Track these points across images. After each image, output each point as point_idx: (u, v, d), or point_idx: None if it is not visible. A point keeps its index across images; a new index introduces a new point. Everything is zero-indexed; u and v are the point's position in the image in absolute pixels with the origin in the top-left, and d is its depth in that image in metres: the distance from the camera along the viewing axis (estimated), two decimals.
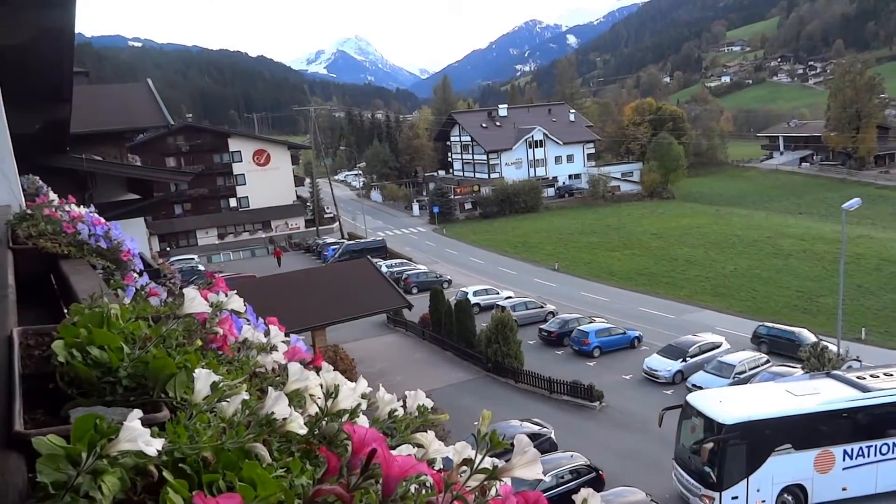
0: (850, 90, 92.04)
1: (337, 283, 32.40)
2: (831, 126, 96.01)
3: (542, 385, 28.96)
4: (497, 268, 53.91)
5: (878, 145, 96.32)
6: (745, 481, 18.35)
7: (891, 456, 19.40)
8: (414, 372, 31.24)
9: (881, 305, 39.87)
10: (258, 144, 74.80)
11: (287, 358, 1.86)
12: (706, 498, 18.59)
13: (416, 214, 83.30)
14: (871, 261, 48.86)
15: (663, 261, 52.76)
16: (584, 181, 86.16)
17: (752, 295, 43.48)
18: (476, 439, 1.31)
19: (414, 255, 57.74)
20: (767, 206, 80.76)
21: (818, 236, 56.69)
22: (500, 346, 30.41)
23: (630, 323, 36.49)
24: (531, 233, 65.83)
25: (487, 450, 1.27)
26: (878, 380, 20.33)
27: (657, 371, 29.48)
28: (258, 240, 70.08)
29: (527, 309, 38.77)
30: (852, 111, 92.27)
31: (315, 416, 1.43)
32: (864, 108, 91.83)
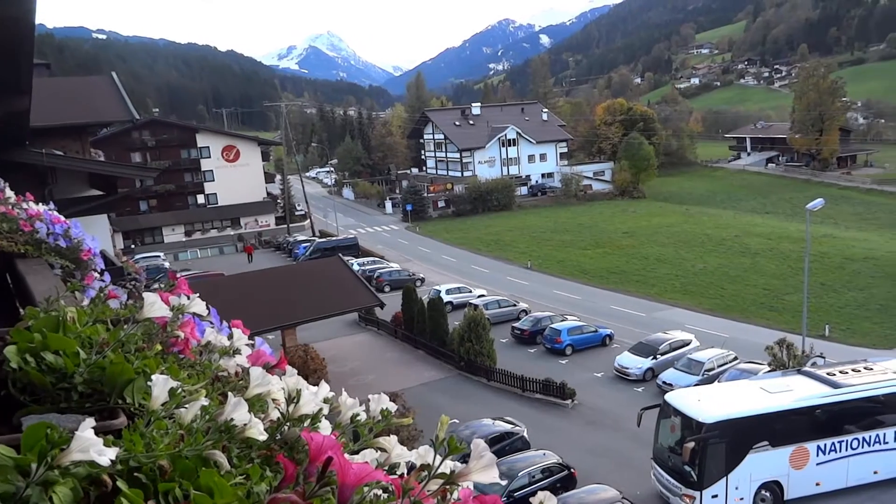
0: (814, 93, 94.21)
1: (308, 282, 32.17)
2: (796, 128, 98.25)
3: (514, 383, 29.07)
4: (470, 266, 54.00)
5: (840, 147, 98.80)
6: (724, 479, 18.52)
7: (861, 450, 19.85)
8: (386, 371, 31.15)
9: (843, 303, 40.85)
10: (227, 140, 73.79)
11: (251, 361, 1.83)
12: (687, 497, 18.70)
13: (388, 212, 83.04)
14: (835, 259, 50.03)
15: (634, 259, 53.38)
16: (556, 180, 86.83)
17: (720, 293, 44.20)
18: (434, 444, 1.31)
19: (386, 253, 57.56)
20: (735, 205, 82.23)
21: (784, 235, 57.85)
22: (472, 344, 30.45)
23: (602, 321, 36.83)
24: (504, 231, 66.08)
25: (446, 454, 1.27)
26: (846, 376, 20.74)
27: (628, 368, 29.79)
28: (227, 237, 69.21)
29: (500, 307, 38.91)
30: (816, 114, 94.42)
31: (277, 422, 1.41)
32: (827, 111, 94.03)
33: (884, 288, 43.31)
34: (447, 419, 1.46)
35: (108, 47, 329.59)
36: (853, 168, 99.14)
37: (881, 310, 39.35)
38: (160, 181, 66.45)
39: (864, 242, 56.69)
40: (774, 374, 22.71)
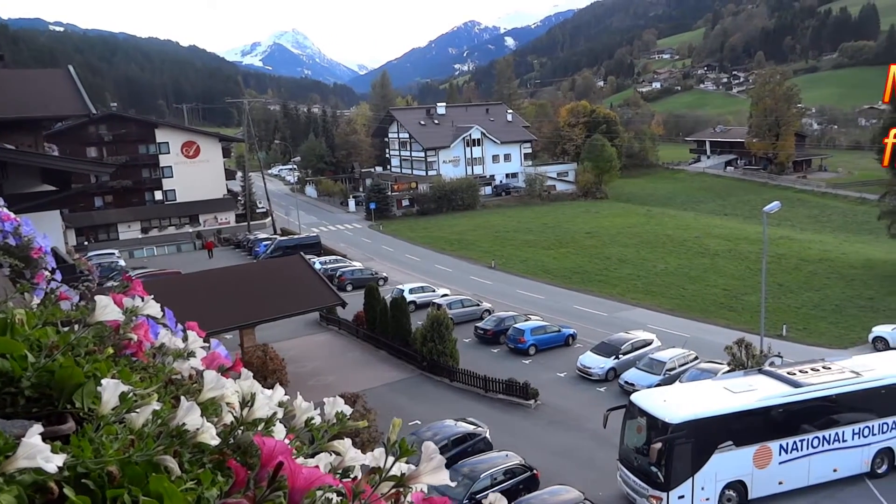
0: (770, 99, 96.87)
1: (268, 280, 31.74)
2: (753, 133, 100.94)
3: (477, 383, 29.11)
4: (434, 265, 54.01)
5: (795, 152, 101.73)
6: (690, 480, 18.63)
7: (821, 449, 20.24)
8: (347, 371, 30.96)
9: (800, 303, 41.99)
10: (187, 136, 72.51)
11: (205, 364, 1.81)
12: (654, 499, 18.77)
13: (352, 210, 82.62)
14: (791, 261, 51.41)
15: (597, 259, 54.04)
16: (520, 180, 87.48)
17: (681, 293, 45.01)
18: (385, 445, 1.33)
19: (349, 252, 57.23)
20: (695, 207, 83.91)
21: (742, 237, 59.22)
22: (435, 344, 30.44)
23: (565, 320, 37.16)
24: (468, 230, 66.27)
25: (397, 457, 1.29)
26: (806, 375, 21.10)
27: (591, 368, 30.10)
28: (185, 234, 68.00)
29: (463, 307, 38.98)
30: (772, 119, 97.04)
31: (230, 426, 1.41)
32: (783, 117, 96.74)
33: (838, 289, 44.66)
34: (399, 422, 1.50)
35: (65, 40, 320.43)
36: (808, 172, 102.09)
37: (836, 310, 40.56)
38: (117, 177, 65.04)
39: (819, 244, 58.42)
40: (737, 373, 22.94)
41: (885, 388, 21.12)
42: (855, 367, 22.00)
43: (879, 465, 21.16)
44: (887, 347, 30.57)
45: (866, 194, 76.67)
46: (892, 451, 21.28)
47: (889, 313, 38.42)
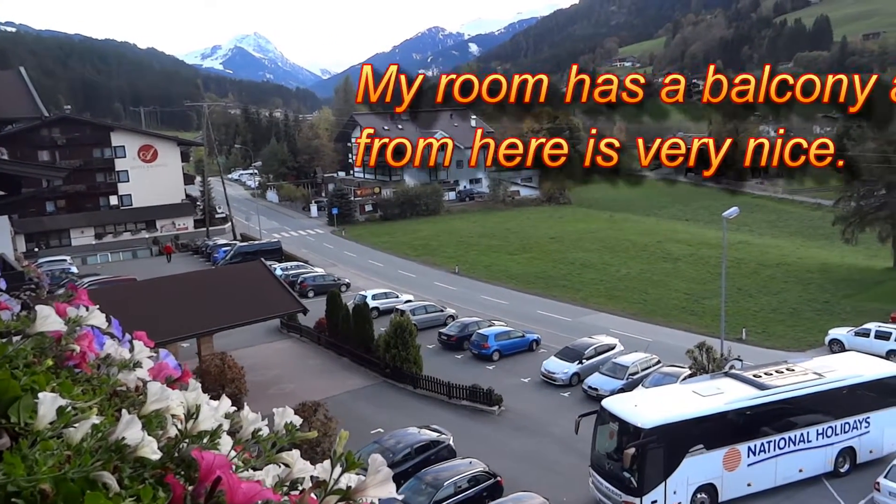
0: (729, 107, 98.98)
1: (227, 287, 31.28)
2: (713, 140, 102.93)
3: (441, 390, 29.04)
4: (397, 271, 53.84)
5: None
6: (662, 484, 18.77)
7: (787, 450, 20.68)
8: (308, 379, 30.60)
9: (759, 307, 42.95)
10: (144, 139, 71.02)
11: (152, 375, 1.77)
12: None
13: (314, 216, 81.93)
14: (750, 265, 52.59)
15: (560, 264, 54.50)
16: (484, 185, 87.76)
17: (643, 297, 45.66)
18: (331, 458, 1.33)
19: (311, 258, 56.69)
20: (657, 212, 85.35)
21: (703, 241, 60.40)
22: (398, 350, 30.29)
23: (529, 326, 37.32)
24: (432, 236, 66.25)
25: (343, 469, 1.30)
26: (772, 377, 21.53)
27: (554, 373, 30.28)
28: (141, 240, 66.54)
29: (427, 312, 38.89)
30: (731, 126, 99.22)
31: (175, 439, 1.37)
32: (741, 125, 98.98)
33: (795, 292, 45.82)
34: (346, 434, 1.50)
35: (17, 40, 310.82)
36: (766, 179, 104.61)
37: (793, 313, 41.59)
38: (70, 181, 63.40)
39: (777, 249, 59.95)
40: (704, 377, 23.30)
41: (846, 389, 21.74)
42: (817, 368, 22.56)
43: (842, 465, 21.75)
44: (843, 349, 31.43)
45: (821, 200, 78.93)
46: (853, 450, 21.89)
47: (844, 316, 39.57)
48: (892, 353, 30.21)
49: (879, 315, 37.59)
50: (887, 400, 22.46)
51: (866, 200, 52.89)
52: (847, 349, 30.80)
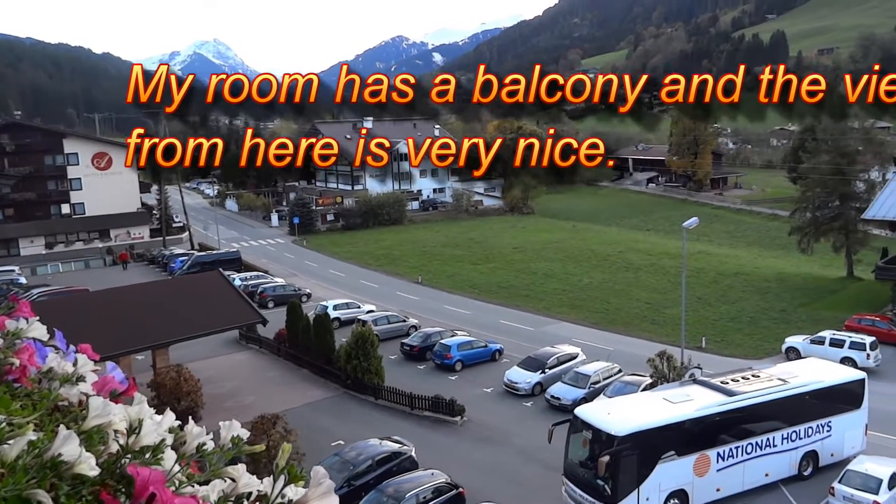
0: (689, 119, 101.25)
1: (184, 298, 30.55)
2: (673, 151, 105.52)
3: (403, 401, 28.72)
4: (359, 281, 53.37)
5: (713, 170, 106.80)
6: (636, 491, 18.91)
7: (754, 454, 21.09)
8: (267, 391, 29.93)
9: (718, 316, 43.58)
10: (99, 147, 69.37)
11: (97, 389, 1.69)
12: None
13: (274, 225, 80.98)
14: (709, 274, 53.44)
15: (523, 274, 54.66)
16: (448, 195, 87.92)
17: (605, 307, 45.98)
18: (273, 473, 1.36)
19: (271, 268, 55.86)
20: (619, 222, 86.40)
21: (664, 251, 61.22)
22: (360, 361, 29.87)
23: (491, 335, 37.22)
24: (395, 245, 65.95)
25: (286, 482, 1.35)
26: (738, 384, 21.98)
27: (517, 383, 30.19)
28: (94, 250, 64.75)
29: (389, 323, 38.57)
30: (690, 138, 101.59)
31: (116, 455, 1.37)
32: (701, 136, 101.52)
33: (752, 301, 46.64)
34: (289, 447, 1.50)
35: None
36: (725, 189, 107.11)
37: (751, 322, 42.29)
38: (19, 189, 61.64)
39: (735, 259, 61.07)
40: (673, 384, 23.54)
41: (809, 394, 22.31)
42: (781, 374, 23.13)
43: (806, 468, 22.24)
44: (799, 357, 31.97)
45: (778, 211, 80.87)
46: (816, 454, 22.43)
47: (800, 324, 40.36)
48: (846, 360, 30.79)
49: (834, 323, 38.41)
50: (847, 404, 23.13)
51: (821, 211, 54.22)
52: (803, 357, 31.33)
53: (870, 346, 32.75)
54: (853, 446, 23.00)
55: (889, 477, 19.78)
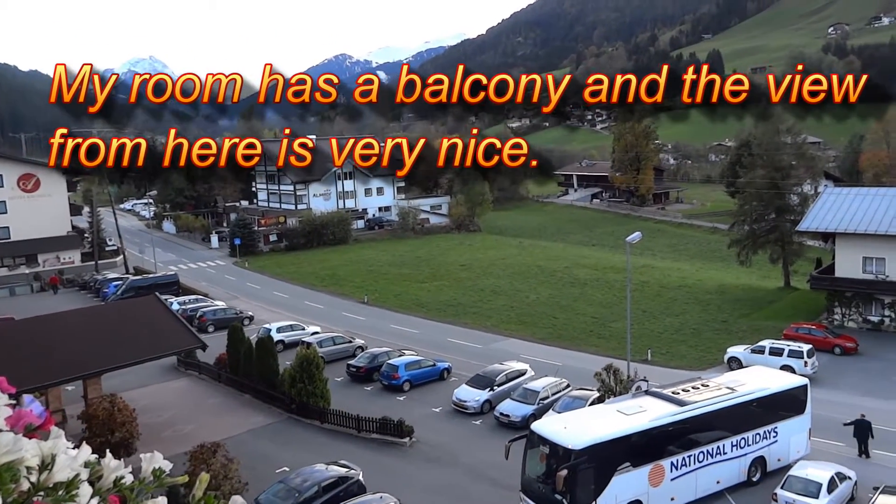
0: (630, 136, 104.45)
1: (117, 324, 29.63)
2: (616, 167, 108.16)
3: (349, 424, 28.35)
4: (303, 302, 52.65)
5: (655, 185, 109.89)
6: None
7: (706, 462, 21.66)
8: (207, 419, 29.12)
9: (662, 328, 44.57)
10: (25, 168, 66.67)
11: (10, 424, 1.62)
12: None
13: (214, 247, 79.33)
14: (653, 288, 54.68)
15: (471, 291, 54.86)
16: (393, 213, 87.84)
17: (553, 322, 46.48)
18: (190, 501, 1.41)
19: (211, 291, 54.61)
20: (565, 238, 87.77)
21: (609, 266, 62.39)
22: (305, 385, 29.36)
23: (440, 354, 37.19)
24: (340, 265, 65.40)
25: None
26: (689, 393, 22.60)
27: (466, 402, 30.17)
28: (20, 276, 62.09)
29: (334, 344, 38.14)
30: (633, 154, 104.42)
31: (27, 492, 1.34)
32: (643, 152, 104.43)
33: (695, 313, 47.89)
34: (206, 477, 1.52)
35: None
36: (667, 204, 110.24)
37: (694, 333, 43.39)
38: None
39: (678, 272, 62.69)
40: (626, 396, 23.92)
41: (756, 401, 23.15)
42: (728, 383, 23.94)
43: (754, 474, 22.98)
44: (741, 366, 32.92)
45: (718, 224, 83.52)
46: (764, 460, 23.21)
47: (741, 335, 41.62)
48: (785, 369, 31.85)
49: (773, 332, 39.79)
50: (792, 410, 24.07)
51: (758, 224, 56.26)
52: (744, 366, 32.29)
53: (807, 354, 34.05)
54: (798, 451, 23.86)
55: (828, 481, 20.51)
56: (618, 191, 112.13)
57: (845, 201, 44.65)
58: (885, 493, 19.70)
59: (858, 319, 42.53)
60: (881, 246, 41.34)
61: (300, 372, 29.60)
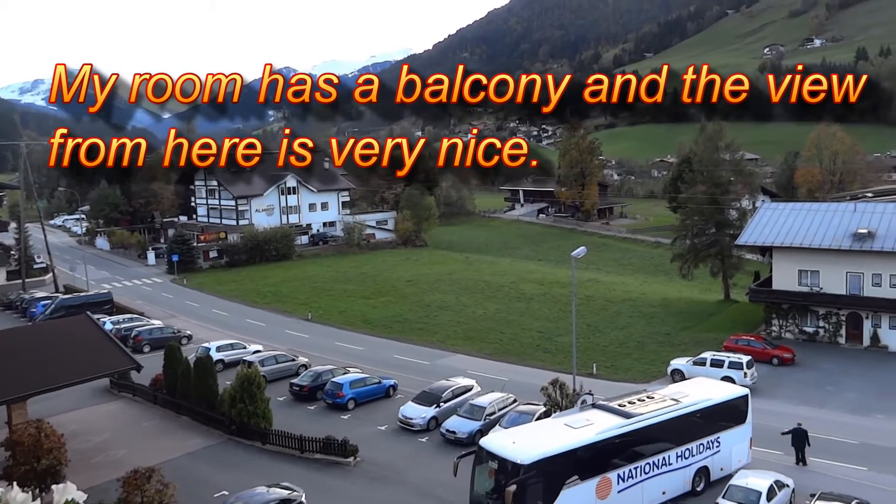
0: (576, 152, 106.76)
1: (45, 345, 28.46)
2: (562, 182, 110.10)
3: (292, 444, 27.80)
4: (245, 320, 51.68)
5: (599, 200, 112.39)
6: None
7: (652, 473, 22.01)
8: (141, 443, 28.16)
9: (608, 342, 45.34)
10: None
11: None
12: None
13: (151, 264, 77.31)
14: (599, 302, 55.66)
15: (417, 307, 54.79)
16: (338, 229, 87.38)
17: (499, 337, 46.76)
18: None
19: (147, 309, 53.12)
20: (511, 253, 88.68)
21: (555, 280, 63.25)
22: (245, 405, 28.73)
23: (385, 371, 36.94)
24: (283, 282, 64.54)
25: None
26: (635, 405, 22.99)
27: (412, 419, 30.01)
28: None
29: (277, 363, 37.51)
30: (578, 170, 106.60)
31: None
32: (587, 168, 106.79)
33: (639, 326, 48.91)
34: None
35: None
36: (611, 219, 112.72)
37: (639, 346, 44.27)
38: None
39: (623, 285, 63.99)
40: (573, 409, 24.13)
41: (700, 412, 23.70)
42: (673, 394, 24.48)
43: (698, 484, 23.49)
44: (683, 378, 33.75)
45: (661, 238, 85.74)
46: (707, 470, 23.74)
47: (683, 347, 42.67)
48: (726, 380, 32.73)
49: (714, 344, 40.96)
50: (733, 420, 24.75)
51: (699, 239, 58.01)
52: (687, 378, 33.09)
53: (746, 365, 35.17)
54: (740, 459, 24.56)
55: (767, 489, 21.13)
56: (563, 206, 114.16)
57: (781, 216, 46.49)
58: (822, 500, 20.39)
59: (795, 330, 44.17)
60: (816, 259, 43.13)
61: (241, 392, 28.98)
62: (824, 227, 43.72)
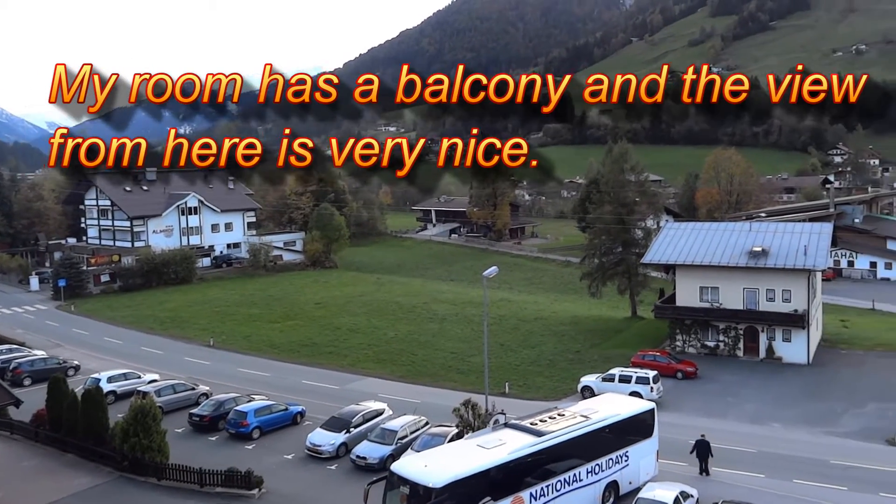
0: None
1: None
2: (474, 202, 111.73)
3: (191, 478, 26.58)
4: (140, 347, 49.38)
5: (511, 220, 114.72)
6: None
7: (564, 490, 22.32)
8: (20, 485, 26.23)
9: (519, 360, 46.01)
10: None
11: None
12: None
13: (34, 289, 72.84)
14: (511, 321, 56.49)
15: (326, 330, 53.96)
16: (243, 250, 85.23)
17: (412, 359, 46.62)
18: None
19: (29, 339, 49.79)
20: (423, 273, 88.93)
21: (468, 301, 63.78)
22: (140, 438, 27.25)
23: (293, 397, 36.09)
24: (182, 306, 62.22)
25: None
26: (546, 423, 23.35)
27: (321, 446, 29.35)
28: None
29: (175, 392, 35.92)
30: (489, 190, 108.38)
31: None
32: (499, 188, 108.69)
33: (551, 344, 49.92)
34: None
35: None
36: (523, 238, 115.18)
37: (550, 364, 45.15)
38: None
39: (534, 304, 65.26)
40: (485, 430, 24.21)
41: (608, 427, 24.37)
42: (583, 411, 25.08)
43: (608, 498, 24.07)
44: (593, 395, 34.61)
45: (571, 258, 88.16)
46: (617, 484, 24.36)
47: (593, 364, 43.83)
48: (634, 395, 33.85)
49: (622, 360, 42.31)
50: (640, 434, 25.58)
51: (607, 257, 60.02)
52: (597, 394, 33.97)
53: (653, 380, 36.54)
54: (647, 473, 25.37)
55: (673, 500, 21.88)
56: (475, 226, 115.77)
57: (683, 235, 48.83)
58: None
59: (697, 345, 46.25)
60: (715, 276, 45.47)
61: (134, 424, 27.48)
62: (723, 245, 46.20)
